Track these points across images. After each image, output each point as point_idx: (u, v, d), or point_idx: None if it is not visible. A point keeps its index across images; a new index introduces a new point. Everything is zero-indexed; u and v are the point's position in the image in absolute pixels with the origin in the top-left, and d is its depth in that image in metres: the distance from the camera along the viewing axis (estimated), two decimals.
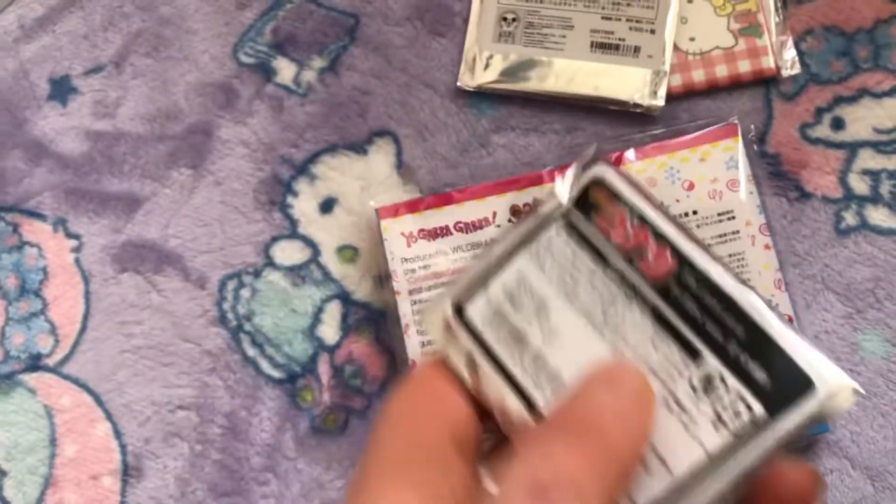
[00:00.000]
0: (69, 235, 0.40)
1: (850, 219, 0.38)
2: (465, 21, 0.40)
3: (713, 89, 0.39)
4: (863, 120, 0.38)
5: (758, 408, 0.19)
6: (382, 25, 0.41)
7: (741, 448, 0.18)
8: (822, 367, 0.19)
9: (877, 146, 0.38)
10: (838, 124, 0.38)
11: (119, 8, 0.42)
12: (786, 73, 0.38)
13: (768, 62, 0.38)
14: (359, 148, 0.40)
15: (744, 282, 0.20)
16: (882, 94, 0.38)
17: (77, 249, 0.40)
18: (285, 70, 0.41)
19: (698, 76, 0.38)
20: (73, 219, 0.41)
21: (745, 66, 0.38)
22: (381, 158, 0.40)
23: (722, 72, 0.38)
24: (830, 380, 0.18)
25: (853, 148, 0.38)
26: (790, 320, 0.35)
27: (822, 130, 0.38)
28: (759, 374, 0.19)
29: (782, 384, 0.19)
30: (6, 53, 0.42)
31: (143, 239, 0.40)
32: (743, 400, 0.19)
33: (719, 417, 0.19)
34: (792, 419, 0.18)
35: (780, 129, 0.38)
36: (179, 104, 0.41)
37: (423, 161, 0.39)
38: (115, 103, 0.41)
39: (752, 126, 0.38)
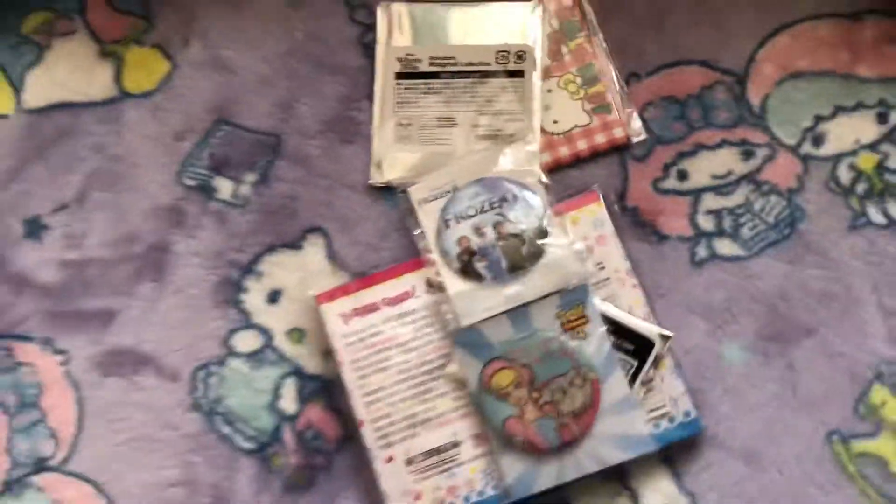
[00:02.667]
0: (56, 352, 0.47)
1: (702, 252, 0.46)
2: (370, 129, 0.48)
3: (578, 160, 0.47)
4: (702, 170, 0.47)
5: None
6: (301, 140, 0.49)
7: None
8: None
9: (716, 189, 0.47)
10: (683, 176, 0.47)
11: (75, 153, 0.49)
12: (635, 139, 0.47)
13: (619, 132, 0.47)
14: (294, 245, 0.47)
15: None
16: (715, 147, 0.47)
17: (65, 363, 0.47)
18: (224, 187, 0.48)
19: (563, 152, 0.47)
20: (58, 337, 0.47)
21: (600, 139, 0.47)
22: (314, 251, 0.47)
23: (583, 145, 0.47)
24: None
25: (697, 193, 0.47)
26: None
27: (671, 182, 0.47)
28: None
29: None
30: None
31: (120, 346, 0.47)
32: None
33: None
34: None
35: (636, 185, 0.47)
36: (137, 228, 0.48)
37: (350, 249, 0.47)
38: (82, 234, 0.48)
39: (612, 191, 0.46)
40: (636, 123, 0.47)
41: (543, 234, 0.43)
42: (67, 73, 0.50)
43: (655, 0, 0.49)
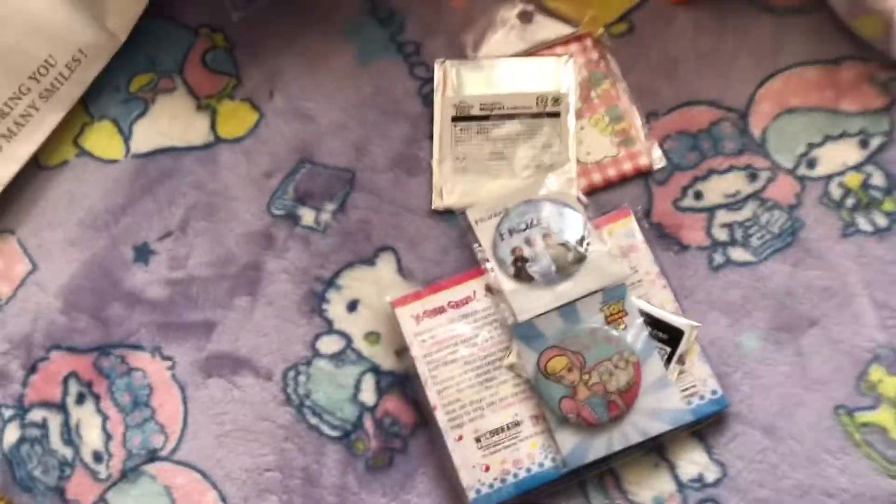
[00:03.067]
0: (164, 358, 0.54)
1: (718, 259, 0.54)
2: (430, 164, 0.57)
3: (609, 185, 0.55)
4: (714, 190, 0.55)
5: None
6: (372, 174, 0.57)
7: None
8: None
9: (727, 206, 0.55)
10: (698, 196, 0.55)
11: (178, 189, 0.58)
12: (656, 166, 0.56)
13: (643, 161, 0.56)
14: (369, 261, 0.55)
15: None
16: (724, 171, 0.56)
17: (172, 367, 0.54)
18: (307, 215, 0.57)
19: (596, 178, 0.55)
20: (166, 345, 0.55)
21: (627, 166, 0.56)
22: (386, 266, 0.55)
23: (612, 172, 0.55)
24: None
25: (711, 210, 0.55)
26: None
27: (688, 201, 0.55)
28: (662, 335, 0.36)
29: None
30: (100, 234, 0.57)
31: (220, 352, 0.54)
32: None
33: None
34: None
35: (659, 205, 0.55)
36: (233, 251, 0.56)
37: (417, 264, 0.55)
38: (185, 257, 0.56)
39: (640, 209, 0.54)
40: (656, 153, 0.56)
41: (584, 242, 0.52)
42: (169, 123, 0.59)
43: (667, 52, 0.58)
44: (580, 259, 0.51)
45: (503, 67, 0.58)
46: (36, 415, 0.54)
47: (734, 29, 0.58)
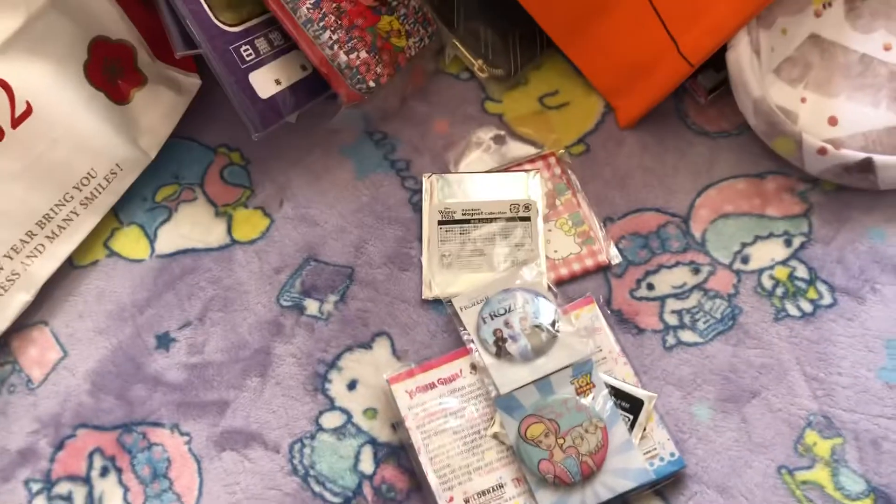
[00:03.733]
0: (182, 433, 0.60)
1: (670, 340, 0.62)
2: (420, 260, 0.65)
3: (574, 278, 0.64)
4: (664, 282, 0.64)
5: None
6: (369, 270, 0.65)
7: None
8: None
9: (675, 296, 0.64)
10: (650, 287, 0.64)
11: (197, 285, 0.65)
12: (613, 262, 0.65)
13: (602, 257, 0.65)
14: (366, 345, 0.63)
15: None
16: (671, 266, 0.65)
17: (189, 442, 0.60)
18: (312, 306, 0.64)
19: (563, 271, 0.64)
20: (184, 422, 0.61)
21: (589, 262, 0.65)
22: (382, 350, 0.63)
23: (576, 267, 0.64)
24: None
25: (662, 299, 0.64)
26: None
27: (642, 291, 0.64)
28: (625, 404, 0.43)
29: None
30: (125, 324, 0.64)
31: (233, 427, 0.60)
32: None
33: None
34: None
35: (618, 294, 0.64)
36: (245, 338, 0.63)
37: (410, 346, 0.62)
38: (202, 344, 0.63)
39: (601, 298, 0.63)
40: (613, 251, 0.65)
41: (555, 325, 0.60)
42: (190, 228, 0.68)
43: (619, 168, 0.69)
44: (552, 339, 0.59)
45: (481, 180, 0.68)
46: (62, 488, 0.59)
47: (674, 149, 0.69)
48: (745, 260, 0.65)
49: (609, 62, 0.70)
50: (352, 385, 0.62)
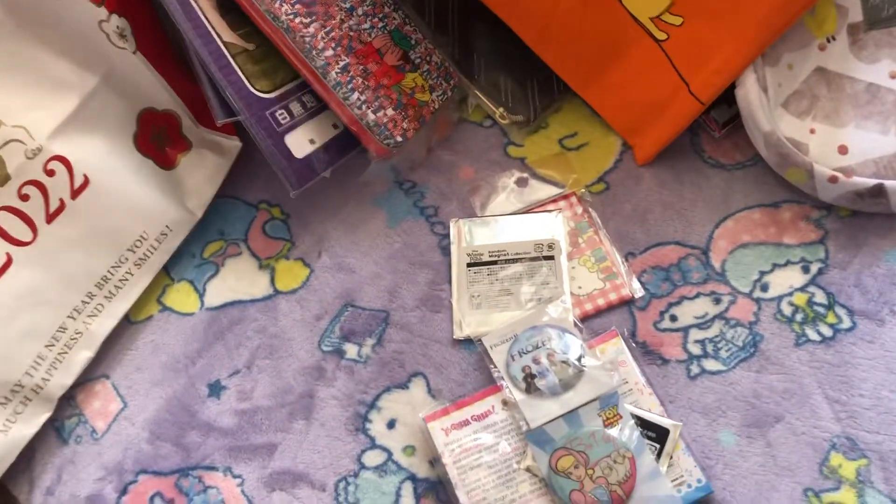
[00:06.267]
0: (234, 476, 0.65)
1: (694, 369, 0.65)
2: (451, 302, 0.69)
3: (599, 312, 0.67)
4: (686, 313, 0.67)
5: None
6: (403, 313, 0.69)
7: None
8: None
9: (698, 326, 0.66)
10: (673, 318, 0.67)
11: (244, 334, 0.70)
12: (637, 294, 0.68)
13: (625, 291, 0.68)
14: (403, 386, 0.66)
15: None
16: (693, 297, 0.67)
17: (241, 484, 0.64)
18: (351, 349, 0.68)
19: (588, 307, 0.67)
20: (235, 465, 0.65)
21: (613, 296, 0.68)
22: (418, 389, 0.66)
23: (600, 302, 0.67)
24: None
25: (685, 330, 0.66)
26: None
27: (666, 323, 0.67)
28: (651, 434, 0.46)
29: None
30: (179, 375, 0.69)
31: (281, 468, 0.64)
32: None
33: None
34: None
35: (642, 326, 0.67)
36: (290, 383, 0.68)
37: (444, 385, 0.66)
38: (251, 390, 0.68)
39: (626, 331, 0.66)
40: (636, 284, 0.68)
41: (582, 359, 0.63)
42: (236, 281, 0.72)
43: (638, 204, 0.71)
44: (579, 373, 0.62)
45: (506, 222, 0.71)
46: None
47: (691, 183, 0.72)
48: (765, 288, 0.67)
49: (624, 103, 0.74)
50: (391, 424, 0.65)
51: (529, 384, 0.62)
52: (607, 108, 0.75)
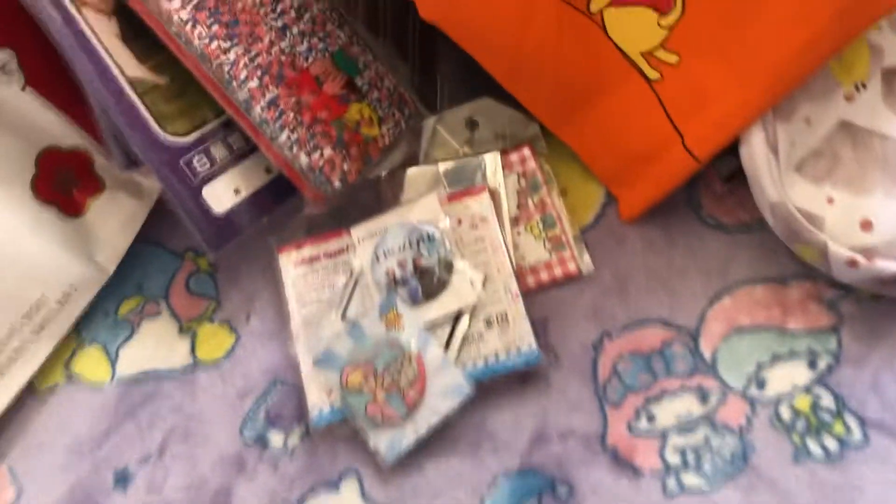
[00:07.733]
0: None
1: (671, 485, 0.55)
2: None
3: (541, 288, 0.60)
4: (667, 411, 0.57)
5: None
6: None
7: None
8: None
9: (679, 428, 0.56)
10: (651, 418, 0.57)
11: (158, 413, 0.61)
12: (584, 270, 0.59)
13: (572, 266, 0.60)
14: (334, 486, 0.58)
15: None
16: (676, 392, 0.57)
17: None
18: (276, 438, 0.59)
19: (529, 281, 0.60)
20: None
21: (558, 271, 0.60)
22: (350, 493, 0.57)
23: (543, 276, 0.60)
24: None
25: (664, 433, 0.56)
26: None
27: (642, 424, 0.57)
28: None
29: None
30: (83, 459, 0.60)
31: None
32: None
33: None
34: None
35: (615, 427, 0.57)
36: (206, 475, 0.59)
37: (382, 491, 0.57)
38: (162, 482, 0.59)
39: (595, 428, 0.56)
40: (585, 258, 0.60)
41: (451, 268, 0.53)
42: (154, 347, 0.63)
43: (618, 272, 0.61)
44: (443, 284, 0.57)
45: None
46: None
47: (684, 246, 0.61)
48: (761, 384, 0.56)
49: (607, 148, 0.62)
50: None
51: (391, 290, 0.58)
52: (588, 152, 0.64)
